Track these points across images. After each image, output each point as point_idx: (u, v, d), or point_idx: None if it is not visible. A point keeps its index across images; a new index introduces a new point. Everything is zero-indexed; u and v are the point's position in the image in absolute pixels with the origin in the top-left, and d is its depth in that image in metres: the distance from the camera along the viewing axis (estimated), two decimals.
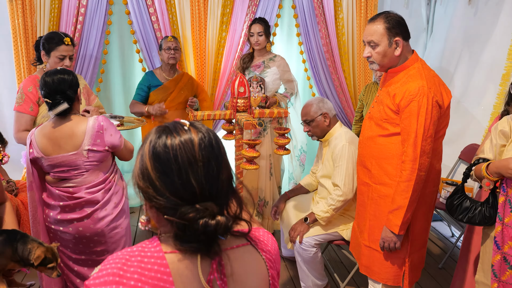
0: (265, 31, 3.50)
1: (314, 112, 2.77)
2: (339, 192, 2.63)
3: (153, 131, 0.96)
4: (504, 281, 1.88)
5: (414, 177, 1.99)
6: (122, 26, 3.86)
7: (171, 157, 0.90)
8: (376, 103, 2.21)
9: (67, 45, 2.72)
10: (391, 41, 2.04)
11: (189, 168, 0.90)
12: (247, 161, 2.57)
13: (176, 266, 0.90)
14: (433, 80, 2.04)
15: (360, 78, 4.12)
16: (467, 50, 3.61)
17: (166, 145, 0.91)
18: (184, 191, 0.89)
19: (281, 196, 3.15)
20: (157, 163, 0.90)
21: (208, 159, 0.92)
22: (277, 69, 3.58)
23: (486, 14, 3.43)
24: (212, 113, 2.66)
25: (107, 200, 2.27)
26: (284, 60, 3.65)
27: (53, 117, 2.19)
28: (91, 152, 2.18)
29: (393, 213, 2.07)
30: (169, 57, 3.48)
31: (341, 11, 3.94)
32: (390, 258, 2.20)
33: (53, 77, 2.14)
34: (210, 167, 0.91)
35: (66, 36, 2.74)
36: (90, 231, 2.25)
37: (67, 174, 2.21)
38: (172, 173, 0.89)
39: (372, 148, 2.19)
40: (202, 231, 0.88)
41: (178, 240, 0.91)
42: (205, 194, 0.91)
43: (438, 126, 2.06)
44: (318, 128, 2.80)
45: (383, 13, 2.09)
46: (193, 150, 0.91)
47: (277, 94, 3.66)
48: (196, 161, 0.90)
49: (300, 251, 2.70)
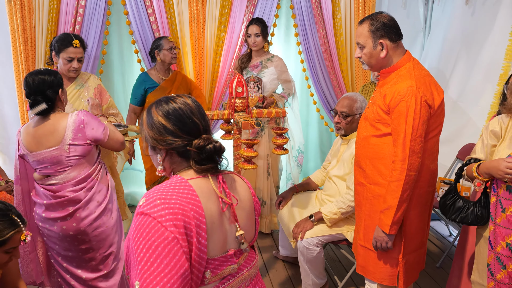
0: (262, 32, 3.52)
1: (356, 109, 2.76)
2: (351, 197, 2.67)
3: (152, 106, 1.35)
4: (499, 281, 1.90)
5: (403, 177, 2.00)
6: (120, 26, 3.87)
7: (178, 110, 1.32)
8: (371, 103, 2.23)
9: (76, 47, 2.73)
10: (376, 43, 2.08)
11: (192, 114, 1.33)
12: (245, 161, 2.58)
13: (197, 186, 1.28)
14: (423, 80, 2.05)
15: (358, 78, 4.13)
16: (464, 50, 3.62)
17: (172, 106, 1.33)
18: (193, 129, 1.32)
19: (290, 188, 3.17)
20: (171, 116, 1.31)
21: (198, 108, 1.36)
22: (274, 69, 3.60)
23: (484, 14, 3.44)
24: (210, 113, 2.67)
25: (89, 198, 2.30)
26: (282, 61, 3.66)
27: (34, 116, 2.25)
28: (72, 146, 2.22)
29: (384, 213, 2.08)
30: (173, 57, 3.54)
31: (339, 11, 3.95)
32: (384, 258, 2.21)
33: (34, 77, 2.20)
34: (201, 113, 1.36)
35: (76, 38, 2.74)
36: (73, 230, 2.28)
37: (50, 171, 2.26)
38: (183, 119, 1.31)
39: (366, 148, 2.20)
40: (213, 151, 1.31)
41: (197, 165, 1.32)
42: (205, 130, 1.35)
43: (430, 126, 2.06)
44: (351, 126, 2.78)
45: (373, 15, 2.12)
46: (189, 105, 1.34)
47: (275, 94, 3.67)
48: (193, 110, 1.34)
49: (303, 250, 2.71)
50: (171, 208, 1.19)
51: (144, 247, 1.15)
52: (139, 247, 1.16)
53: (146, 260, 1.14)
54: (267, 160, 3.69)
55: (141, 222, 1.18)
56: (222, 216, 1.30)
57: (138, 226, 1.18)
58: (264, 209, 3.77)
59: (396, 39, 2.09)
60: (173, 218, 1.17)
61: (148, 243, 1.15)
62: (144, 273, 1.13)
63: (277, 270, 3.29)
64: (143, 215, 1.19)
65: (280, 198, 3.09)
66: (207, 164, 1.32)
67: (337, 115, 2.82)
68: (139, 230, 1.17)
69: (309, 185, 3.16)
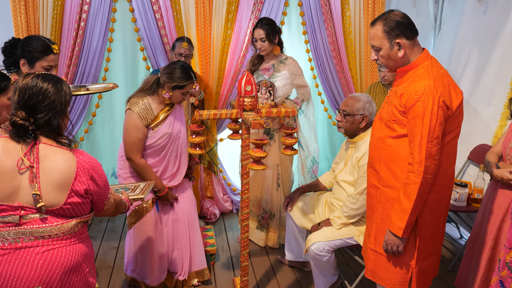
0: (268, 35, 3.24)
1: (357, 109, 2.68)
2: (351, 201, 2.64)
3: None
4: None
5: (419, 180, 1.93)
6: (126, 23, 3.81)
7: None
8: (386, 103, 2.16)
9: (56, 53, 2.41)
10: (392, 43, 2.00)
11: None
12: (254, 162, 2.51)
13: (4, 144, 1.60)
14: (442, 80, 1.97)
15: (367, 77, 4.06)
16: (476, 49, 3.55)
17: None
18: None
19: (297, 188, 3.10)
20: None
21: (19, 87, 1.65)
22: (288, 73, 3.33)
23: (496, 12, 3.37)
24: (218, 112, 2.60)
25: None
26: (296, 63, 3.39)
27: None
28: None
29: (397, 216, 2.02)
30: None
31: (348, 9, 3.88)
32: (395, 263, 2.14)
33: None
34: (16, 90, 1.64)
35: (53, 44, 2.39)
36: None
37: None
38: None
39: (381, 149, 2.13)
40: (12, 124, 1.57)
41: (11, 132, 1.61)
42: (22, 107, 1.59)
43: (447, 128, 1.99)
44: (351, 126, 2.71)
45: (384, 14, 2.03)
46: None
47: (287, 101, 3.43)
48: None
49: (314, 257, 2.65)
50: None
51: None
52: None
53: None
54: (277, 171, 3.45)
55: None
56: (16, 172, 1.57)
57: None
58: (273, 223, 3.56)
59: (412, 36, 2.02)
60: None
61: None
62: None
63: (284, 272, 3.23)
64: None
65: (287, 200, 3.04)
66: (15, 132, 1.60)
67: (339, 113, 2.77)
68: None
69: (317, 186, 3.10)
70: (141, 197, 2.23)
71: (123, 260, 3.19)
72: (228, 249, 3.56)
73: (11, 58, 2.39)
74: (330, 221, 2.71)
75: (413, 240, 2.10)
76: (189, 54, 3.47)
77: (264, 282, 3.11)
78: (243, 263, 2.75)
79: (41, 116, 1.60)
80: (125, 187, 2.38)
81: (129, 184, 2.48)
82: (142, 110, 2.62)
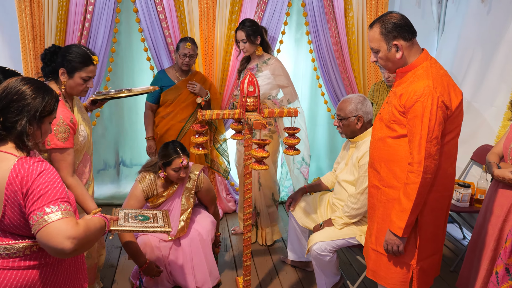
0: (248, 36, 3.30)
1: (350, 111, 2.69)
2: (352, 201, 2.64)
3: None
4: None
5: (419, 180, 1.94)
6: (130, 24, 3.84)
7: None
8: (386, 103, 2.17)
9: (95, 65, 2.35)
10: (390, 45, 2.01)
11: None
12: (257, 162, 2.52)
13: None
14: (441, 80, 1.98)
15: (370, 77, 4.06)
16: (479, 49, 3.55)
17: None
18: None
19: (299, 189, 3.12)
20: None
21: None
22: (269, 73, 3.37)
23: (500, 13, 3.36)
24: (221, 112, 2.62)
25: None
26: (279, 63, 3.42)
27: None
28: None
29: (397, 216, 2.03)
30: (183, 63, 3.48)
31: (351, 9, 3.89)
32: (396, 263, 2.15)
33: None
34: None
35: (93, 54, 2.34)
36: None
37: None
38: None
39: (381, 150, 2.14)
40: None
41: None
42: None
43: (447, 128, 2.00)
44: (348, 128, 2.73)
45: (382, 16, 2.04)
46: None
47: (267, 101, 3.42)
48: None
49: (316, 257, 2.66)
50: None
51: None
52: None
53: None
54: (258, 172, 3.46)
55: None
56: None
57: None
58: (261, 220, 3.58)
59: (410, 37, 2.02)
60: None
61: None
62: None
63: (286, 272, 3.24)
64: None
65: (290, 200, 3.05)
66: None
67: (336, 119, 2.80)
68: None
69: (319, 186, 3.12)
70: (168, 230, 2.10)
71: (126, 259, 3.21)
72: (231, 249, 3.57)
73: (50, 65, 2.31)
74: (332, 221, 2.72)
75: (414, 240, 2.10)
76: (193, 54, 3.49)
77: (266, 281, 3.12)
78: (245, 263, 2.76)
79: (10, 116, 1.52)
80: (143, 215, 2.21)
81: (145, 211, 2.29)
82: (147, 186, 2.87)
